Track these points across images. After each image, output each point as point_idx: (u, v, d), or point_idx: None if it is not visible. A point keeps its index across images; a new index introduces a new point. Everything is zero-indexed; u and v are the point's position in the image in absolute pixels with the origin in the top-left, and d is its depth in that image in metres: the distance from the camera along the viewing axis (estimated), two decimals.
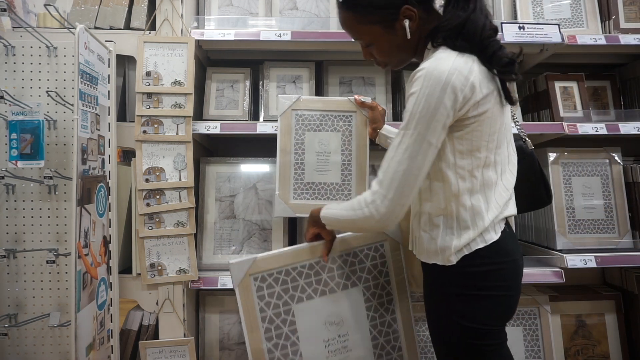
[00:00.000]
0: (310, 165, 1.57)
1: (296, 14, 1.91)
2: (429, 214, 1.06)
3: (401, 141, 0.98)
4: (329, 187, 1.58)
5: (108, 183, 1.60)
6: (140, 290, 1.65)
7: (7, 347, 1.56)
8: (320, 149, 1.58)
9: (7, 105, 1.49)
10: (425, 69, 0.96)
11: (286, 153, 1.56)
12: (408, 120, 0.97)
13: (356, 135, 1.58)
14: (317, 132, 1.58)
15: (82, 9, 1.73)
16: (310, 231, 1.26)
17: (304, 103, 1.58)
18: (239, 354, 1.78)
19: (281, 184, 1.56)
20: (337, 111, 1.59)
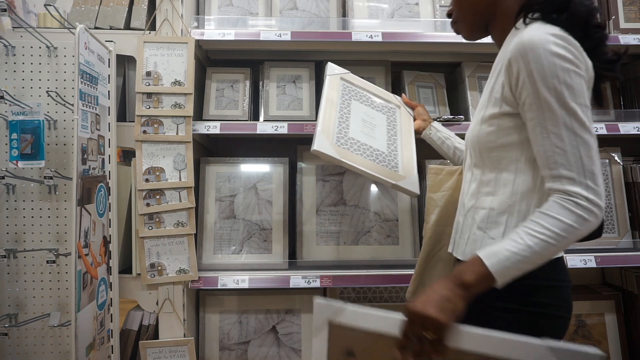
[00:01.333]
0: (356, 126, 1.38)
1: (296, 14, 1.91)
2: (491, 210, 0.95)
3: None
4: (374, 151, 1.37)
5: (108, 183, 1.60)
6: (140, 290, 1.65)
7: (7, 347, 1.56)
8: (367, 118, 1.42)
9: (7, 105, 1.49)
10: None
11: (332, 104, 1.35)
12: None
13: (401, 125, 1.50)
14: (363, 105, 1.45)
15: (82, 9, 1.73)
16: (452, 320, 0.80)
17: (352, 78, 1.50)
18: (239, 354, 1.78)
19: (325, 123, 1.31)
20: (382, 98, 1.53)
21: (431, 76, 1.98)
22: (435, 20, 1.87)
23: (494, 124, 0.94)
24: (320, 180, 1.84)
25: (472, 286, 0.81)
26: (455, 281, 0.82)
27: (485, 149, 0.97)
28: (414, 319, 0.81)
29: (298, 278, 1.64)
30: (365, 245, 1.79)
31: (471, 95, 1.88)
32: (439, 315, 0.78)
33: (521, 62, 0.85)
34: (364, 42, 1.72)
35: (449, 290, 0.81)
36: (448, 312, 0.79)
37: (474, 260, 0.83)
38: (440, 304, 0.79)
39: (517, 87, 0.88)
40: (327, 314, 0.94)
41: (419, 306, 0.80)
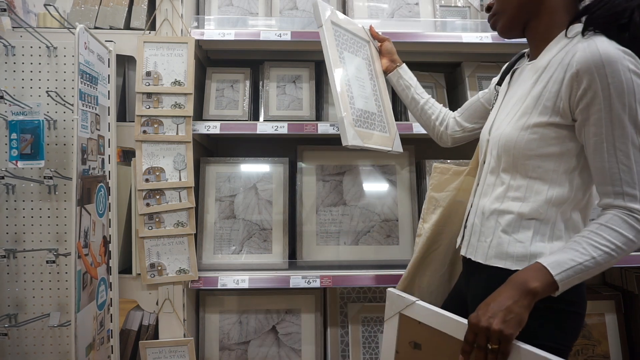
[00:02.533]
0: (355, 89, 1.33)
1: (296, 14, 1.91)
2: (519, 215, 0.95)
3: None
4: (371, 116, 1.36)
5: (108, 183, 1.60)
6: (140, 290, 1.65)
7: (7, 347, 1.56)
8: (358, 74, 1.37)
9: (7, 105, 1.49)
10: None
11: (340, 71, 1.29)
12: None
13: (375, 69, 1.47)
14: (352, 55, 1.39)
15: (82, 9, 1.73)
16: (516, 331, 0.81)
17: (337, 17, 1.38)
18: (239, 354, 1.78)
19: (344, 104, 1.24)
20: (358, 37, 1.46)
21: (431, 76, 1.98)
22: (435, 20, 1.87)
23: (538, 132, 0.92)
24: (320, 180, 1.84)
25: (538, 294, 0.82)
26: (521, 290, 0.82)
27: (522, 156, 0.94)
28: (479, 331, 0.82)
29: (298, 278, 1.64)
30: (365, 245, 1.79)
31: (471, 95, 1.88)
32: (504, 327, 0.79)
33: (596, 75, 0.83)
34: None
35: (513, 302, 0.81)
36: (513, 323, 0.80)
37: (538, 268, 0.83)
38: (505, 315, 0.80)
39: (583, 99, 0.86)
40: (399, 306, 1.00)
41: (483, 320, 0.81)
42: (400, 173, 1.86)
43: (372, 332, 1.77)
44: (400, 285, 1.30)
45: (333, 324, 1.81)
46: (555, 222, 0.93)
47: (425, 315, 0.96)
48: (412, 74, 1.47)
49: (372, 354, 1.75)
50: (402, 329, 1.01)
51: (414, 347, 0.99)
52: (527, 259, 0.92)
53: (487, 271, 0.99)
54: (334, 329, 1.81)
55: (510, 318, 0.80)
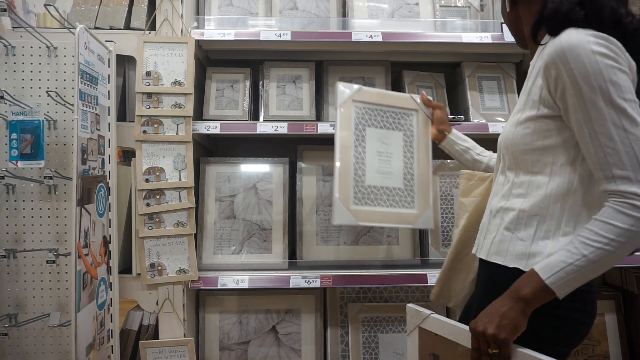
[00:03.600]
0: (372, 166, 1.38)
1: (296, 14, 1.91)
2: (521, 212, 0.93)
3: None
4: (391, 192, 1.39)
5: (108, 183, 1.60)
6: (140, 290, 1.65)
7: (7, 347, 1.56)
8: (382, 148, 1.40)
9: (7, 105, 1.49)
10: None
11: (347, 149, 1.35)
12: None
13: (418, 136, 1.44)
14: (378, 129, 1.41)
15: (82, 9, 1.73)
16: (511, 336, 0.84)
17: (364, 94, 1.42)
18: (239, 354, 1.78)
19: (341, 186, 1.33)
20: (398, 107, 1.44)
21: (431, 76, 1.98)
22: (435, 20, 1.87)
23: (530, 126, 0.93)
24: (320, 180, 1.84)
25: (530, 300, 0.83)
26: (514, 297, 0.84)
27: (520, 151, 0.95)
28: (477, 336, 0.85)
29: (298, 278, 1.64)
30: (365, 245, 1.79)
31: (471, 95, 1.88)
32: (497, 332, 0.82)
33: (560, 64, 0.84)
34: (364, 42, 1.72)
35: (507, 307, 0.84)
36: (507, 328, 0.82)
37: (530, 274, 0.84)
38: (500, 321, 0.83)
39: (557, 90, 0.87)
40: (417, 320, 1.05)
41: (480, 325, 0.85)
42: None
43: (372, 332, 1.77)
44: (435, 288, 1.33)
45: (333, 324, 1.81)
46: (562, 218, 0.89)
47: (439, 327, 1.00)
48: (465, 136, 1.43)
49: (372, 354, 1.75)
50: (422, 341, 1.05)
51: (433, 358, 1.03)
52: (525, 257, 0.91)
53: (487, 267, 0.99)
54: (334, 329, 1.81)
55: (505, 323, 0.83)
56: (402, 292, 1.86)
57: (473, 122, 1.80)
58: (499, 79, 1.93)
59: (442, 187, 1.84)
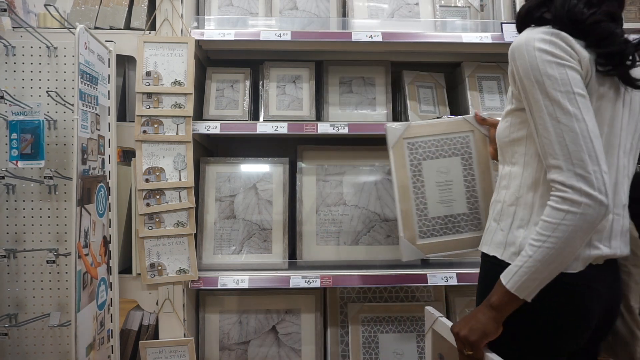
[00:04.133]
0: (433, 198, 1.38)
1: (296, 14, 1.91)
2: (504, 203, 0.99)
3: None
4: (456, 219, 1.38)
5: (108, 183, 1.60)
6: (140, 290, 1.65)
7: (7, 347, 1.56)
8: (441, 178, 1.39)
9: (7, 105, 1.49)
10: None
11: (405, 189, 1.37)
12: None
13: (477, 156, 1.39)
14: (434, 160, 1.39)
15: (82, 9, 1.73)
16: (479, 339, 0.90)
17: (414, 129, 1.40)
18: (239, 354, 1.78)
19: (405, 224, 1.36)
20: (451, 133, 1.41)
21: (431, 76, 1.98)
22: (435, 20, 1.87)
23: (508, 120, 0.99)
24: (320, 180, 1.84)
25: (498, 306, 0.88)
26: (486, 304, 0.91)
27: (502, 144, 1.02)
28: (455, 337, 0.94)
29: (298, 278, 1.64)
30: (365, 245, 1.79)
31: (471, 95, 1.88)
32: (468, 334, 0.90)
33: (510, 62, 0.93)
34: (364, 42, 1.72)
35: (481, 313, 0.91)
36: (477, 332, 0.90)
37: (498, 282, 0.89)
38: (471, 324, 0.91)
39: (515, 84, 0.94)
40: (430, 322, 1.13)
41: (456, 327, 0.94)
42: None
43: (372, 332, 1.77)
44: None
45: (333, 324, 1.81)
46: (534, 207, 0.92)
47: (443, 330, 1.06)
48: None
49: (372, 354, 1.75)
50: (434, 342, 1.13)
51: (440, 358, 1.11)
52: (502, 246, 0.95)
53: (482, 257, 1.05)
54: (334, 329, 1.81)
55: (476, 327, 0.90)
56: (402, 292, 1.86)
57: None
58: (499, 79, 1.93)
59: None
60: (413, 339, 1.78)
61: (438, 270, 1.69)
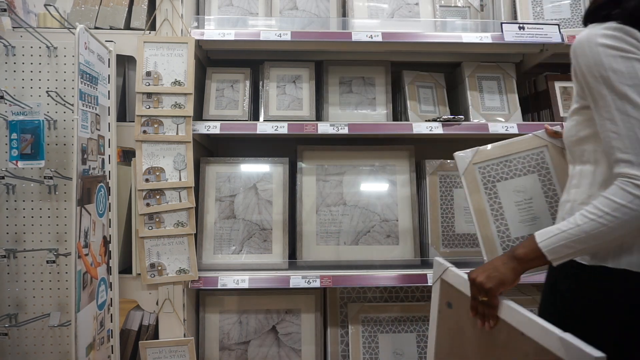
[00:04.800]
0: (514, 219, 1.33)
1: (296, 14, 1.91)
2: (574, 202, 0.97)
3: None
4: None
5: (108, 183, 1.60)
6: (140, 290, 1.65)
7: (7, 347, 1.56)
8: (519, 197, 1.34)
9: (7, 105, 1.49)
10: None
11: (482, 212, 1.33)
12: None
13: (556, 170, 1.33)
14: (509, 180, 1.34)
15: (82, 9, 1.73)
16: (496, 287, 0.93)
17: (483, 154, 1.36)
18: (239, 354, 1.78)
19: (487, 249, 1.32)
20: (523, 152, 1.36)
21: (431, 76, 1.98)
22: (435, 20, 1.87)
23: (574, 119, 0.99)
24: (320, 180, 1.84)
25: (522, 259, 0.92)
26: (509, 254, 0.94)
27: (570, 142, 1.02)
28: (470, 283, 0.97)
29: (298, 278, 1.64)
30: (365, 245, 1.79)
31: (471, 95, 1.88)
32: (485, 281, 0.94)
33: (573, 60, 0.93)
34: (364, 42, 1.72)
35: (501, 262, 0.95)
36: (494, 280, 0.93)
37: (530, 238, 0.92)
38: (490, 272, 0.94)
39: (578, 81, 0.95)
40: (439, 271, 1.18)
41: (473, 273, 0.98)
42: (400, 173, 1.86)
43: (372, 332, 1.77)
44: None
45: (333, 324, 1.81)
46: None
47: (454, 279, 1.11)
48: None
49: (372, 354, 1.75)
50: (442, 291, 1.17)
51: (448, 306, 1.15)
52: None
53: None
54: (334, 329, 1.81)
55: (493, 275, 0.93)
56: (402, 292, 1.86)
57: (473, 122, 1.81)
58: (499, 79, 1.93)
59: (442, 187, 1.84)
60: (413, 339, 1.78)
61: None
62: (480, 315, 0.97)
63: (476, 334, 1.02)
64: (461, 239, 1.81)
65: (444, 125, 1.72)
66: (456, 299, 1.11)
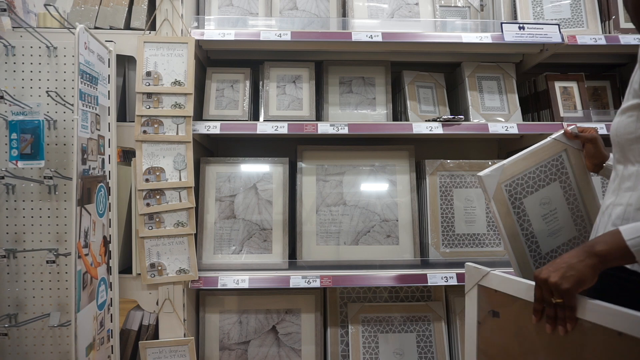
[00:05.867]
0: (543, 234, 1.30)
1: (296, 14, 1.91)
2: (628, 206, 0.89)
3: None
4: (567, 245, 1.30)
5: (108, 183, 1.60)
6: (140, 290, 1.65)
7: (7, 347, 1.56)
8: (545, 209, 1.31)
9: (7, 105, 1.49)
10: None
11: (516, 236, 1.27)
12: None
13: (574, 174, 1.30)
14: (534, 193, 1.30)
15: (82, 9, 1.73)
16: (574, 287, 0.82)
17: (508, 170, 1.28)
18: (239, 354, 1.78)
19: (522, 269, 1.28)
20: (545, 160, 1.30)
21: (431, 76, 1.98)
22: (435, 20, 1.87)
23: (633, 115, 0.91)
24: (320, 180, 1.84)
25: (603, 256, 0.81)
26: (587, 250, 0.83)
27: (625, 141, 0.93)
28: (540, 284, 0.85)
29: (298, 278, 1.64)
30: (365, 245, 1.79)
31: (471, 95, 1.88)
32: (560, 281, 0.81)
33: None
34: (364, 42, 1.72)
35: (577, 259, 0.83)
36: (572, 279, 0.81)
37: (613, 233, 0.82)
38: (566, 271, 0.82)
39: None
40: (476, 278, 1.06)
41: (544, 272, 0.85)
42: (400, 173, 1.86)
43: (372, 332, 1.77)
44: None
45: (333, 324, 1.81)
46: None
47: (499, 283, 1.00)
48: None
49: (372, 354, 1.75)
50: (481, 299, 1.05)
51: (493, 315, 1.02)
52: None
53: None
54: (334, 329, 1.81)
55: (570, 274, 0.81)
56: (402, 292, 1.86)
57: (473, 122, 1.81)
58: (498, 79, 1.93)
59: (442, 187, 1.84)
60: (413, 339, 1.78)
61: (438, 270, 1.69)
62: (550, 319, 0.85)
63: (544, 344, 0.89)
64: (461, 239, 1.81)
65: (444, 125, 1.72)
66: (506, 307, 0.99)
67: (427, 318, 1.80)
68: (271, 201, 1.81)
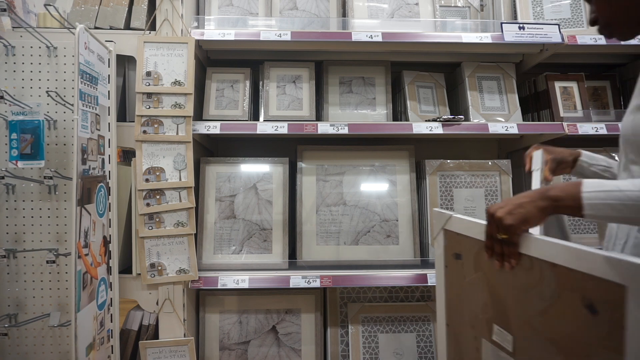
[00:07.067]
0: None
1: (296, 14, 1.91)
2: None
3: None
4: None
5: (108, 183, 1.60)
6: (140, 290, 1.65)
7: (7, 347, 1.56)
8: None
9: (7, 105, 1.49)
10: None
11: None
12: None
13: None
14: None
15: (82, 9, 1.73)
16: (518, 224, 0.82)
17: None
18: (239, 353, 1.78)
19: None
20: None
21: (431, 76, 1.98)
22: (435, 20, 1.87)
23: None
24: (320, 180, 1.84)
25: (554, 201, 0.80)
26: (541, 192, 0.83)
27: (638, 140, 0.88)
28: (489, 219, 0.86)
29: (298, 278, 1.64)
30: (365, 245, 1.79)
31: (471, 95, 1.88)
32: (505, 217, 0.82)
33: None
34: (364, 42, 1.72)
35: (528, 199, 0.83)
36: (517, 216, 0.82)
37: (574, 183, 0.80)
38: (513, 208, 0.83)
39: None
40: (441, 222, 1.07)
41: (493, 208, 0.86)
42: (400, 173, 1.86)
43: (372, 332, 1.77)
44: None
45: (333, 324, 1.81)
46: None
47: (461, 226, 1.01)
48: (597, 155, 1.17)
49: (372, 353, 1.75)
50: (446, 243, 1.06)
51: (456, 257, 1.04)
52: None
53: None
54: (334, 329, 1.81)
55: (517, 212, 0.82)
56: (402, 292, 1.86)
57: (473, 122, 1.81)
58: (498, 79, 1.93)
59: (442, 187, 1.84)
60: (413, 339, 1.78)
61: None
62: (498, 255, 0.86)
63: (498, 280, 0.89)
64: None
65: (444, 125, 1.72)
66: (466, 248, 0.99)
67: (427, 318, 1.80)
68: (271, 201, 1.81)
